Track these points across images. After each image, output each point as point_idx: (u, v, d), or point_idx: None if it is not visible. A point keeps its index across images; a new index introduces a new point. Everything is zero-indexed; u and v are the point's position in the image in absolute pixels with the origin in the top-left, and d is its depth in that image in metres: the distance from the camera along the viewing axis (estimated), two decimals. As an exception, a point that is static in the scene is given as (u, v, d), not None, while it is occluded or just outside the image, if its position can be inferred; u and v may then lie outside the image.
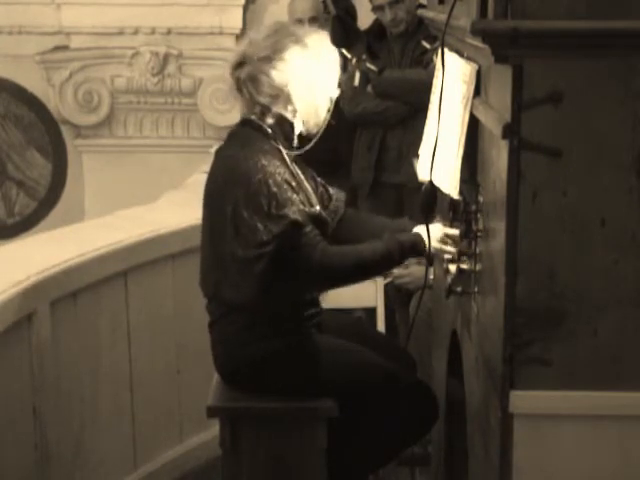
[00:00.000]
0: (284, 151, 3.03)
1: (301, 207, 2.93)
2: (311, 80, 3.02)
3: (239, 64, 3.03)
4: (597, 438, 2.23)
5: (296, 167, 3.08)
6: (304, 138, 3.10)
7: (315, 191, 3.16)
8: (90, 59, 6.56)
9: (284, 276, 2.95)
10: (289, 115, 3.03)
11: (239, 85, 3.04)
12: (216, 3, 6.48)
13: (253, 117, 3.06)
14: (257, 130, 3.03)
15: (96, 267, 3.68)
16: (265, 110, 3.03)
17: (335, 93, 3.11)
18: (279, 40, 3.01)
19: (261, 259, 2.91)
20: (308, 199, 3.02)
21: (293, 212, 2.90)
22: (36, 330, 3.36)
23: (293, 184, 2.96)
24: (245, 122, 3.08)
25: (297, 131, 3.05)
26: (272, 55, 2.99)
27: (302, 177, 3.09)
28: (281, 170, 2.96)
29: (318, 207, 3.06)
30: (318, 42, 3.07)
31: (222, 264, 3.01)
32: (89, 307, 3.66)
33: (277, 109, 3.02)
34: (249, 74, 3.00)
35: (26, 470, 3.38)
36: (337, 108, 4.77)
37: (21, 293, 3.29)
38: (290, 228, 2.89)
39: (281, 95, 3.00)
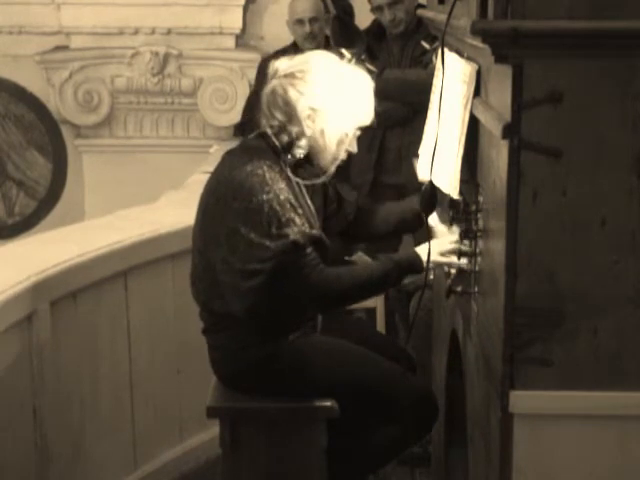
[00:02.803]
0: (289, 170, 3.00)
1: (302, 228, 2.91)
2: (340, 109, 2.99)
3: (270, 77, 3.01)
4: (597, 438, 2.23)
5: (301, 186, 3.06)
6: (320, 168, 3.06)
7: (321, 207, 3.14)
8: (90, 59, 6.57)
9: (277, 292, 2.94)
10: (299, 138, 3.00)
11: (267, 97, 3.01)
12: (216, 3, 6.49)
13: (269, 131, 3.03)
14: (269, 145, 3.01)
15: (96, 267, 3.67)
16: (281, 127, 3.00)
17: (365, 123, 3.05)
18: (314, 65, 3.00)
19: (256, 275, 2.89)
20: (309, 220, 2.99)
21: (294, 232, 2.88)
22: (36, 330, 3.36)
23: (295, 204, 2.94)
24: (260, 135, 3.06)
25: (299, 154, 2.99)
26: (299, 74, 2.97)
27: (306, 197, 3.06)
28: (285, 190, 2.92)
29: (322, 233, 3.03)
30: (357, 80, 3.05)
31: (212, 274, 2.99)
32: (89, 307, 3.66)
33: (292, 129, 2.99)
34: (271, 88, 2.98)
35: (26, 470, 3.38)
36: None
37: (21, 293, 3.29)
38: (290, 248, 2.88)
39: (296, 115, 2.97)
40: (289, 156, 3.00)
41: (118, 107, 6.66)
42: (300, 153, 3.00)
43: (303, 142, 2.99)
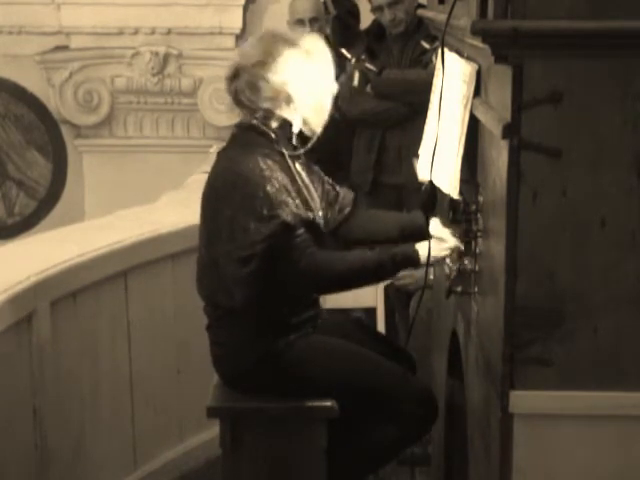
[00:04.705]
0: (287, 154, 3.02)
1: (295, 210, 2.92)
2: (308, 77, 3.02)
3: (234, 76, 3.03)
4: (597, 438, 2.23)
5: (300, 170, 3.07)
6: (307, 138, 3.09)
7: (321, 193, 3.15)
8: (90, 59, 6.57)
9: (273, 278, 2.95)
10: (291, 116, 3.02)
11: (238, 96, 3.04)
12: (216, 3, 6.49)
13: (255, 122, 3.05)
14: (260, 134, 3.03)
15: (96, 267, 3.68)
16: (268, 114, 3.02)
17: (334, 89, 3.10)
18: (269, 44, 3.02)
19: (251, 260, 2.91)
20: (306, 204, 3.00)
21: (286, 214, 2.90)
22: (36, 330, 3.36)
23: (290, 188, 2.96)
24: (248, 127, 3.07)
25: (296, 129, 3.05)
26: (265, 59, 2.99)
27: (306, 181, 3.07)
28: (279, 174, 2.95)
29: (320, 213, 3.05)
30: (308, 41, 3.07)
31: (216, 268, 3.01)
32: (89, 307, 3.66)
33: (280, 112, 3.01)
34: (247, 82, 3.00)
35: (26, 470, 3.38)
36: (337, 108, 4.78)
37: (21, 293, 3.29)
38: (280, 229, 2.90)
39: (281, 95, 3.00)
40: (287, 136, 3.02)
41: (118, 107, 6.66)
42: (298, 127, 3.03)
43: (297, 118, 3.02)
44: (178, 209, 4.29)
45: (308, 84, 3.01)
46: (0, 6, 6.53)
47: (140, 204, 4.64)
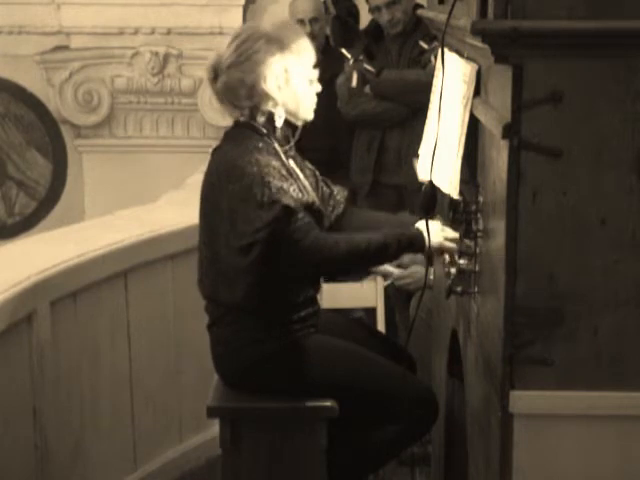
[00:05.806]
0: (278, 147, 3.04)
1: (293, 194, 2.93)
2: (282, 69, 3.02)
3: (214, 78, 3.05)
4: (597, 438, 2.23)
5: (293, 163, 3.09)
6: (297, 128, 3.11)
7: (315, 187, 3.17)
8: (90, 59, 6.56)
9: (275, 268, 2.95)
10: (275, 109, 3.04)
11: (219, 96, 3.07)
12: (216, 3, 6.49)
13: (243, 119, 3.07)
14: (250, 129, 3.05)
15: (96, 267, 3.68)
16: (253, 110, 3.05)
17: (314, 75, 3.10)
18: (242, 42, 3.03)
19: (253, 247, 2.91)
20: (302, 190, 3.01)
21: (286, 199, 2.91)
22: (36, 330, 3.37)
23: (286, 175, 2.97)
24: (238, 123, 3.10)
25: (279, 123, 3.06)
26: (237, 59, 3.01)
27: (299, 173, 3.09)
28: (275, 164, 2.97)
29: (315, 200, 3.06)
30: (282, 31, 3.07)
31: (218, 264, 3.01)
32: (89, 307, 3.66)
33: (263, 107, 3.04)
34: (224, 84, 3.03)
35: (26, 470, 3.38)
36: (336, 108, 4.78)
37: (21, 293, 3.29)
38: (282, 214, 2.90)
39: (258, 93, 3.01)
40: (273, 129, 3.04)
41: (118, 107, 6.66)
42: (281, 120, 3.05)
43: (280, 110, 3.04)
44: (178, 209, 4.29)
45: (281, 75, 3.02)
46: (0, 6, 6.53)
47: (140, 204, 4.65)
